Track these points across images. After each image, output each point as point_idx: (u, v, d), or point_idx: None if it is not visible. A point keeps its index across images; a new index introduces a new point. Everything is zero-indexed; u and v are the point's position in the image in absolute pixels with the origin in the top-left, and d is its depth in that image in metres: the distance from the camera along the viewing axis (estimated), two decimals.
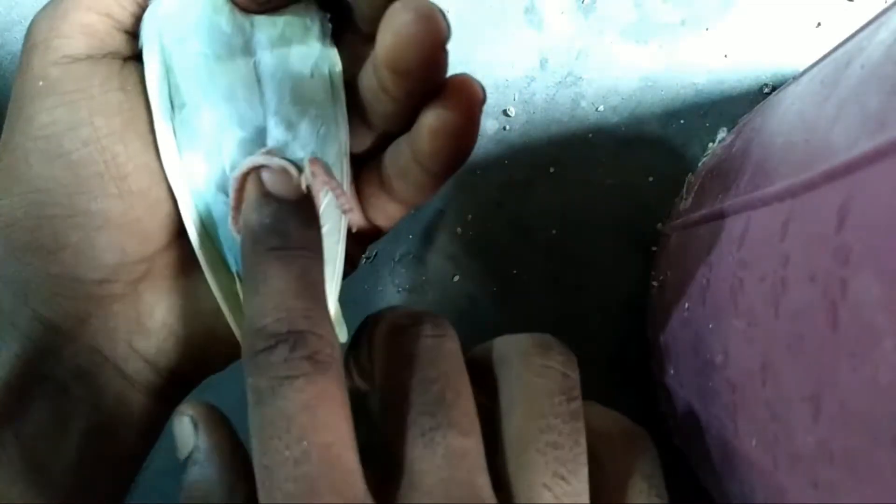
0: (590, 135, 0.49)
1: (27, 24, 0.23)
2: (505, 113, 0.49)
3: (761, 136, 0.35)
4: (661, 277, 0.45)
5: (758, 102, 0.47)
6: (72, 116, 0.21)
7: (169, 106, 0.23)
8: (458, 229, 0.49)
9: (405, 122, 0.23)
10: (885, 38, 0.24)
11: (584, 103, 0.49)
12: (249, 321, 0.19)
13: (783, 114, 0.34)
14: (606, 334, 0.48)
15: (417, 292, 0.49)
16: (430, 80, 0.21)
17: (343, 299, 0.28)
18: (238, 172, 0.21)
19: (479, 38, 0.50)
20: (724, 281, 0.32)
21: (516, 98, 0.50)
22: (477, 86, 0.23)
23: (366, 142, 0.26)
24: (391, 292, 0.49)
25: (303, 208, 0.21)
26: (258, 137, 0.23)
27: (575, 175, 0.49)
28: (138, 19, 0.23)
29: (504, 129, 0.49)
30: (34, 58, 0.22)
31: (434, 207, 0.49)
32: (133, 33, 0.23)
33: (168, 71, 0.22)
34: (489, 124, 0.50)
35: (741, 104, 0.48)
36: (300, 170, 0.22)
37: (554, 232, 0.49)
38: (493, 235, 0.49)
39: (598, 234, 0.49)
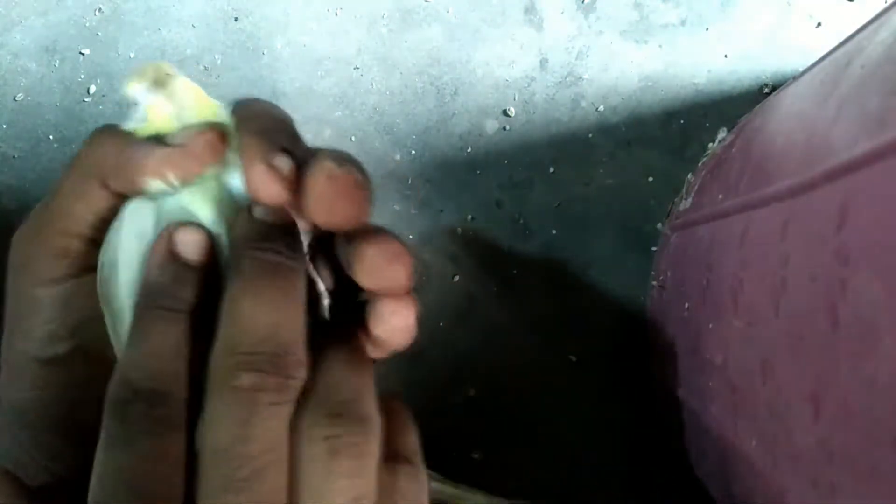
0: (590, 135, 0.49)
1: (27, 24, 0.23)
2: (505, 113, 0.49)
3: (761, 136, 0.35)
4: (661, 277, 0.45)
5: (758, 102, 0.47)
6: (62, 330, 0.23)
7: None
8: (459, 229, 0.49)
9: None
10: (885, 38, 0.24)
11: (584, 103, 0.49)
12: (119, 370, 0.20)
13: (783, 114, 0.34)
14: (606, 334, 0.48)
15: (417, 292, 0.49)
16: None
17: None
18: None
19: (479, 38, 0.50)
20: (724, 281, 0.32)
21: (516, 98, 0.50)
22: (416, 302, 0.23)
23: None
24: None
25: (204, 273, 0.22)
26: None
27: (575, 175, 0.49)
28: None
29: (504, 129, 0.49)
30: (20, 279, 0.23)
31: (434, 207, 0.49)
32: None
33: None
34: (489, 124, 0.50)
35: (741, 104, 0.48)
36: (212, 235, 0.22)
37: (554, 232, 0.49)
38: (493, 235, 0.49)
39: (598, 234, 0.49)
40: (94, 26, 0.52)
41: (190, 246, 0.22)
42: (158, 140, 0.22)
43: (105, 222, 0.23)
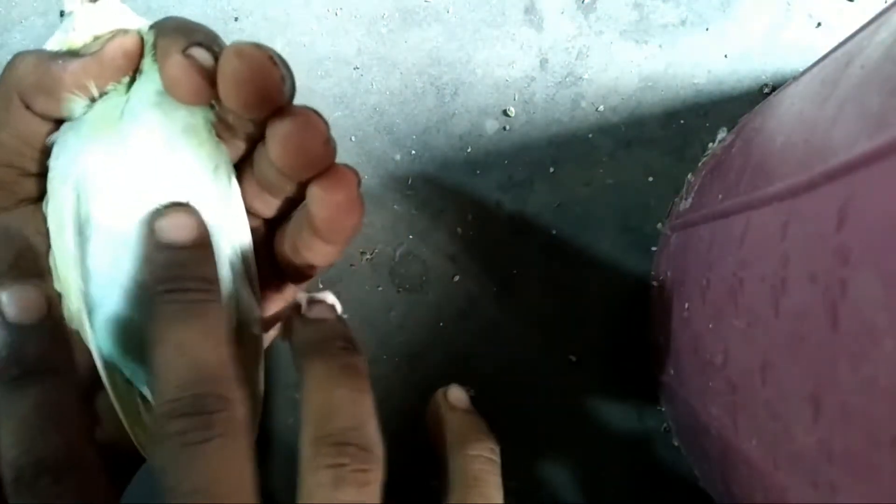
0: (590, 135, 0.49)
1: (27, 24, 0.23)
2: (505, 113, 0.49)
3: (761, 136, 0.35)
4: (661, 277, 0.45)
5: (758, 102, 0.47)
6: (1, 264, 0.22)
7: (78, 233, 0.22)
8: (459, 229, 0.49)
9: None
10: (885, 38, 0.24)
11: (584, 103, 0.49)
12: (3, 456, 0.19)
13: (783, 114, 0.34)
14: (606, 334, 0.48)
15: (417, 292, 0.49)
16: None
17: (343, 298, 0.28)
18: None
19: (479, 38, 0.50)
20: (724, 281, 0.32)
21: (516, 98, 0.50)
22: (352, 172, 0.23)
23: (271, 208, 0.26)
24: (391, 292, 0.49)
25: (42, 334, 0.20)
26: None
27: (575, 175, 0.49)
28: (41, 161, 0.22)
29: (504, 129, 0.49)
30: None
31: (434, 207, 0.49)
32: (39, 174, 0.23)
33: (78, 198, 0.22)
34: (489, 124, 0.50)
35: (741, 104, 0.48)
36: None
37: (554, 232, 0.49)
38: (493, 235, 0.49)
39: (598, 234, 0.49)
40: None
41: (19, 306, 0.20)
42: (74, 55, 0.22)
43: (36, 150, 0.22)
